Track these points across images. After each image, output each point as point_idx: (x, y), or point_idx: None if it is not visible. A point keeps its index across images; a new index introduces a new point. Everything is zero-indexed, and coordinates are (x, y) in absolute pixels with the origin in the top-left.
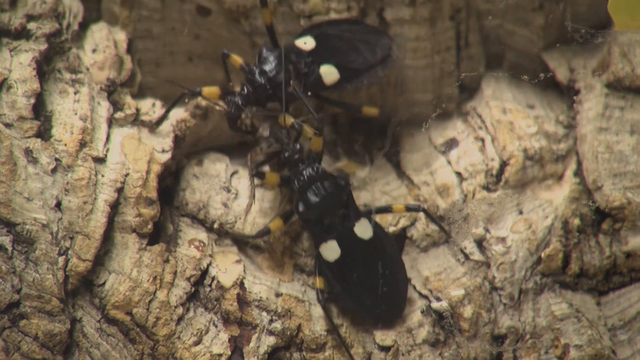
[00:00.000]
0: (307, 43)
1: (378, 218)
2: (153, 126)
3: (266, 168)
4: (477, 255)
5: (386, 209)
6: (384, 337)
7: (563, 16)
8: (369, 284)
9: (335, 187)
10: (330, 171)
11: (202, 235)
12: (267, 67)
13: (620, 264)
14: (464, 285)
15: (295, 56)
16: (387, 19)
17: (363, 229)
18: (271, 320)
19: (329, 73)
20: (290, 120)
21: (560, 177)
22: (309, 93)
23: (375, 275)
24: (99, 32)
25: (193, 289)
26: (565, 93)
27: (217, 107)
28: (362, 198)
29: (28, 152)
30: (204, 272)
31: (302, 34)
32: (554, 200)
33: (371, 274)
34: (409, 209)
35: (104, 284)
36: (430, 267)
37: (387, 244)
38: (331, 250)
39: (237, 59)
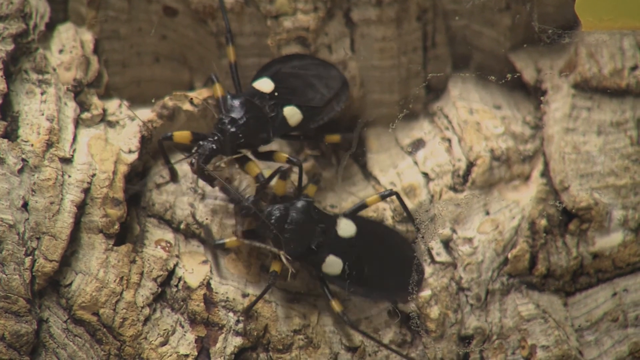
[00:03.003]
0: (265, 85)
1: None
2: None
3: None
4: (443, 256)
5: (361, 206)
6: (350, 337)
7: (530, 17)
8: (383, 268)
9: (303, 211)
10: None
11: (169, 235)
12: (237, 115)
13: (587, 265)
14: (430, 285)
15: (259, 100)
16: (353, 20)
17: (346, 228)
18: (238, 321)
19: (292, 114)
20: (256, 170)
21: (527, 178)
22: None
23: (383, 256)
24: (65, 33)
25: (160, 290)
26: (532, 94)
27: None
28: (328, 199)
29: None
30: (171, 273)
31: (257, 76)
32: (521, 200)
33: (379, 258)
34: (383, 196)
35: (70, 284)
36: None
37: (371, 224)
38: (333, 265)
39: (218, 89)
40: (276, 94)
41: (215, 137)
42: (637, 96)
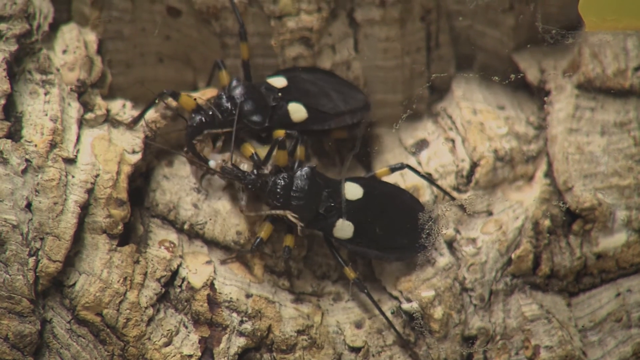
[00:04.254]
0: (278, 82)
1: None
2: (130, 125)
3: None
4: (447, 256)
5: (372, 178)
6: (354, 338)
7: (533, 17)
8: (395, 226)
9: (308, 178)
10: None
11: (173, 236)
12: (235, 94)
13: (591, 265)
14: (434, 286)
15: (265, 90)
16: (357, 20)
17: (353, 191)
18: (241, 321)
19: (296, 110)
20: (250, 150)
21: (530, 178)
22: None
23: (393, 215)
24: (69, 33)
25: (163, 290)
26: (535, 94)
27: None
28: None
29: None
30: (174, 273)
31: (275, 74)
32: (524, 201)
33: (389, 217)
34: (393, 169)
35: (74, 284)
36: (400, 267)
37: (378, 184)
38: (344, 229)
39: (225, 76)
40: (287, 90)
41: (209, 112)
42: None
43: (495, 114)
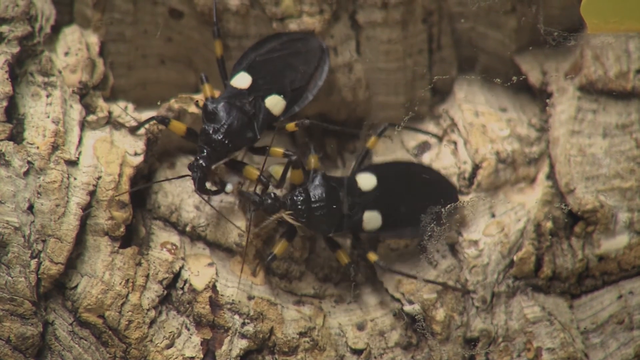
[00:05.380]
0: (242, 81)
1: None
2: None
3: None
4: (449, 259)
5: (366, 154)
6: (356, 340)
7: (536, 19)
8: (419, 199)
9: (322, 185)
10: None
11: (175, 238)
12: (219, 122)
13: (593, 267)
14: (436, 288)
15: (238, 100)
16: (359, 22)
17: (366, 182)
18: (243, 323)
19: (274, 104)
20: (255, 173)
21: (532, 180)
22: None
23: (413, 189)
24: (71, 35)
25: (165, 292)
26: (537, 96)
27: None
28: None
29: (0, 155)
30: (177, 275)
31: (234, 72)
32: (526, 203)
33: (410, 192)
34: (379, 134)
35: (76, 287)
36: (402, 269)
37: (389, 165)
38: (372, 219)
39: (207, 89)
40: (255, 87)
41: (204, 152)
42: None
43: (497, 116)
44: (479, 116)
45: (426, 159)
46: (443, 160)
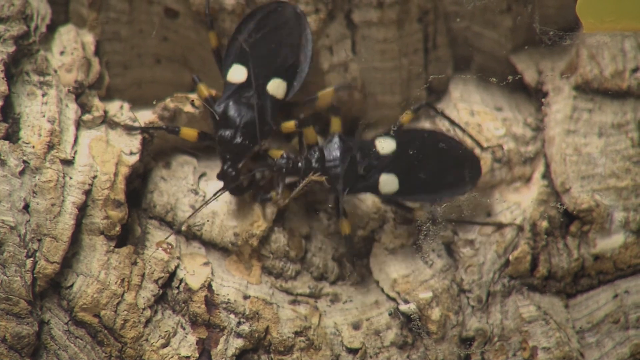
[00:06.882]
0: (237, 74)
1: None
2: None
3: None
4: (445, 258)
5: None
6: (351, 339)
7: (531, 18)
8: (437, 166)
9: (337, 145)
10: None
11: (170, 237)
12: (233, 123)
13: (589, 267)
14: (431, 287)
15: (241, 96)
16: (355, 21)
17: (385, 145)
18: (239, 323)
19: (276, 88)
20: (279, 152)
21: (528, 180)
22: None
23: (432, 156)
24: (66, 35)
25: (161, 291)
26: (533, 95)
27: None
28: (329, 201)
29: None
30: (172, 275)
31: (226, 67)
32: (522, 202)
33: (429, 159)
34: (415, 110)
35: (71, 286)
36: (398, 269)
37: (409, 132)
38: (388, 183)
39: (203, 89)
40: (251, 77)
41: (228, 160)
42: (638, 98)
43: (492, 116)
44: (475, 115)
45: None
46: None
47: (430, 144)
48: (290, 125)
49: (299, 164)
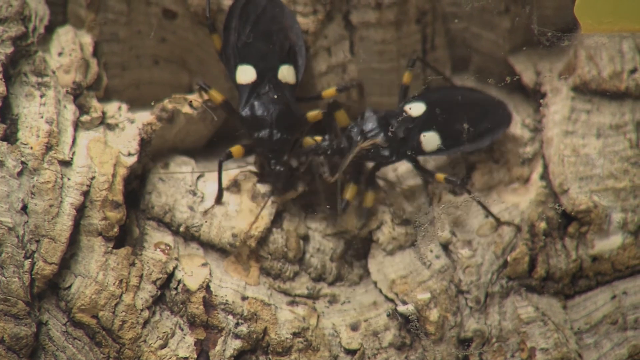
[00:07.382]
0: (246, 74)
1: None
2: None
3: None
4: (443, 259)
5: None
6: (350, 340)
7: (529, 19)
8: (471, 116)
9: (371, 117)
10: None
11: (168, 238)
12: (265, 121)
13: (587, 268)
14: (430, 288)
15: (262, 93)
16: (353, 22)
17: (415, 108)
18: (237, 324)
19: (286, 75)
20: (311, 140)
21: (526, 181)
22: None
23: (464, 107)
24: (65, 36)
25: (159, 292)
26: (531, 96)
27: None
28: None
29: None
30: (170, 276)
31: (232, 70)
32: (520, 203)
33: (462, 111)
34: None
35: (69, 287)
36: (396, 270)
37: (435, 91)
38: (430, 140)
39: (216, 95)
40: (261, 73)
41: (272, 159)
42: (636, 99)
43: None
44: None
45: (420, 158)
46: (437, 160)
47: (458, 97)
48: (315, 114)
49: (342, 143)
